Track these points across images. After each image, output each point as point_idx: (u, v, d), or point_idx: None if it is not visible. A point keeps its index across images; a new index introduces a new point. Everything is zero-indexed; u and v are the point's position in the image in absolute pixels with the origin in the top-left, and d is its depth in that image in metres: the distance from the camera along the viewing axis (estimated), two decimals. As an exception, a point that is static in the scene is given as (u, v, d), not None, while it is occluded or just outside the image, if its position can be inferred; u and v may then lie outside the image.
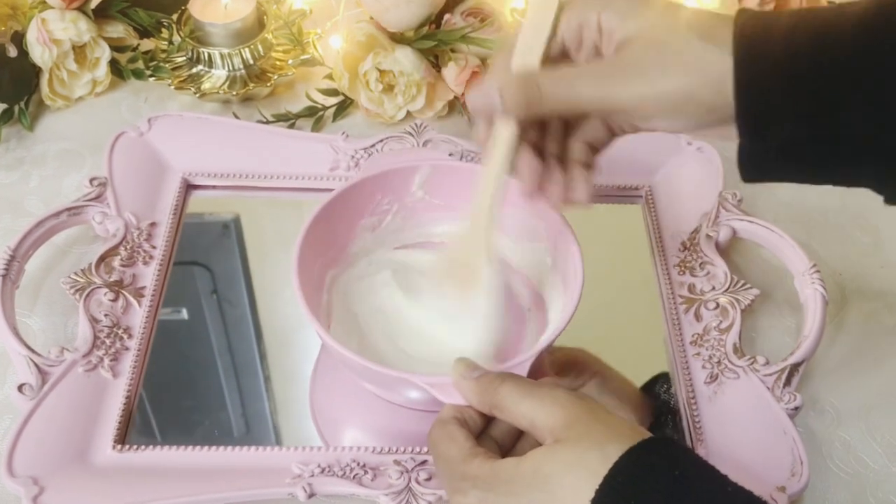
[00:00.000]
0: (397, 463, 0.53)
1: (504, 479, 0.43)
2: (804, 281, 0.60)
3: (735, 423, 0.56)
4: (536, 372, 0.50)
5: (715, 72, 0.42)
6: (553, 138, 0.51)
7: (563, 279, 0.58)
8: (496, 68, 0.50)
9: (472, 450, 0.45)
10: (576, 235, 0.56)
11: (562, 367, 0.59)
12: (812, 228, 0.70)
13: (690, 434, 0.56)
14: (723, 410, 0.57)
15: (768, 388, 0.56)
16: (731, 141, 0.44)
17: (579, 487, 0.40)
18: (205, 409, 0.59)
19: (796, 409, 0.55)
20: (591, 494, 0.39)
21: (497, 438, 0.47)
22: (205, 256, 0.67)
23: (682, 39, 0.43)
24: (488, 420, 0.48)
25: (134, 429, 0.56)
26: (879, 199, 0.71)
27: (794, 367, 0.57)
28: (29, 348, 0.56)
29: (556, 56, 0.49)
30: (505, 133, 0.49)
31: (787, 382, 0.56)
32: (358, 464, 0.53)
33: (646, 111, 0.46)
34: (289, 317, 0.63)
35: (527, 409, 0.44)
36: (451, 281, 0.55)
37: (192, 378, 0.61)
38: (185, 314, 0.64)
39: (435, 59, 0.76)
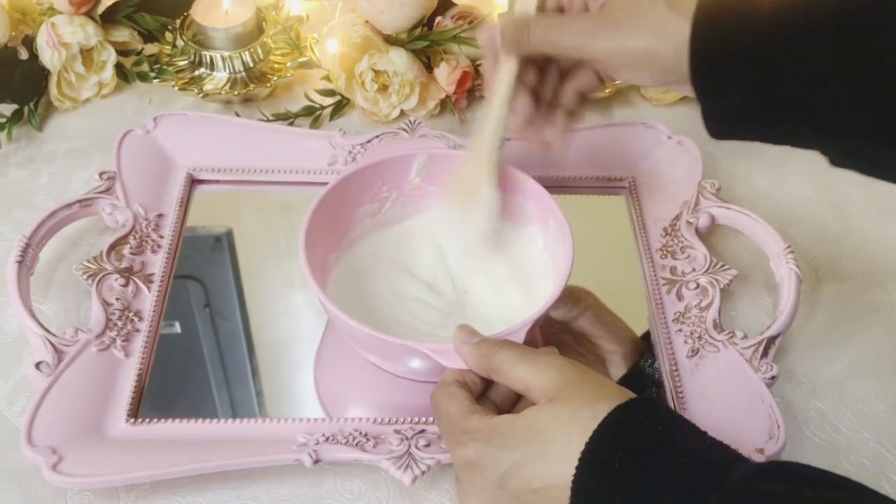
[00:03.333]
0: (397, 432, 0.56)
1: (500, 433, 0.46)
2: (779, 261, 0.63)
3: (716, 393, 0.59)
4: (530, 343, 0.53)
5: (677, 37, 0.48)
6: (549, 85, 0.59)
7: (553, 258, 0.62)
8: (506, 12, 0.58)
9: (471, 407, 0.48)
10: (566, 216, 0.60)
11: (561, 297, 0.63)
12: (788, 216, 0.73)
13: (674, 404, 0.59)
14: (704, 381, 0.60)
15: (746, 360, 0.59)
16: (692, 96, 0.50)
17: (570, 441, 0.43)
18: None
19: (773, 378, 0.58)
20: (581, 447, 0.42)
21: (495, 401, 0.50)
22: (197, 270, 0.68)
23: (653, 5, 0.50)
24: (488, 384, 0.51)
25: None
26: (853, 188, 0.76)
27: (771, 340, 0.60)
28: (45, 329, 0.58)
29: (553, 7, 0.57)
30: (506, 73, 0.57)
31: (765, 354, 0.60)
32: (360, 433, 0.56)
33: (615, 63, 0.53)
34: (281, 330, 0.65)
35: (522, 372, 0.48)
36: (457, 196, 0.63)
37: (184, 392, 0.61)
38: (178, 328, 0.64)
39: (427, 60, 0.79)
